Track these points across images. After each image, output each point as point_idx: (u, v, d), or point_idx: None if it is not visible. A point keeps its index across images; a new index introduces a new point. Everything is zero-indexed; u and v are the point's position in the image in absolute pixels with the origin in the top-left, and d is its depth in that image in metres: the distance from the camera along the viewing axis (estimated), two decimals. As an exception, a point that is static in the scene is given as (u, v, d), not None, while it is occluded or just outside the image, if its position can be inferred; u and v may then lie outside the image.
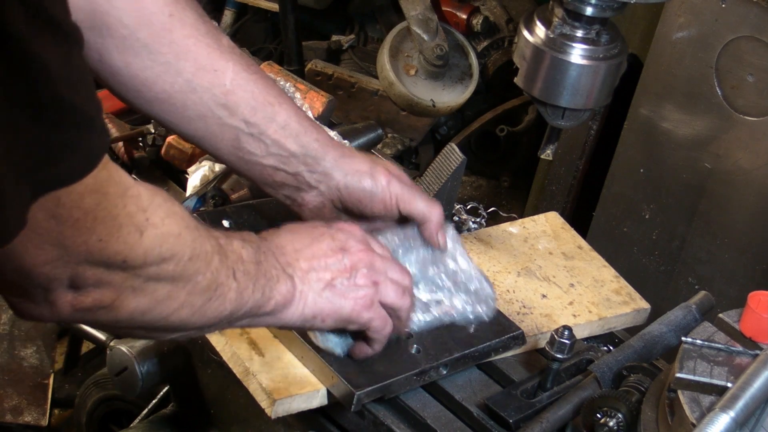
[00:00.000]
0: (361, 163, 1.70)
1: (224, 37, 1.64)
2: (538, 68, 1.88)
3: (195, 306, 1.35)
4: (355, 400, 1.60)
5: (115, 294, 1.23)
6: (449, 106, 3.24)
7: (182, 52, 1.57)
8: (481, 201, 2.22)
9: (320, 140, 1.68)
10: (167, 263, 1.27)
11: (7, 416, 2.94)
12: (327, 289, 1.55)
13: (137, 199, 1.21)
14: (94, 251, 1.17)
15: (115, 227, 1.18)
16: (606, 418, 1.57)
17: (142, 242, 1.22)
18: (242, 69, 1.63)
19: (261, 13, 4.01)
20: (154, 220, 1.23)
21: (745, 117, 2.47)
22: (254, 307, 1.46)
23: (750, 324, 1.57)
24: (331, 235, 1.59)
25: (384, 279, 1.60)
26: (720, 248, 2.59)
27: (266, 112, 1.64)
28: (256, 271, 1.46)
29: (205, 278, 1.34)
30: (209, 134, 1.65)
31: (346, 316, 1.57)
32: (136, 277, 1.24)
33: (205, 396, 1.97)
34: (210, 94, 1.60)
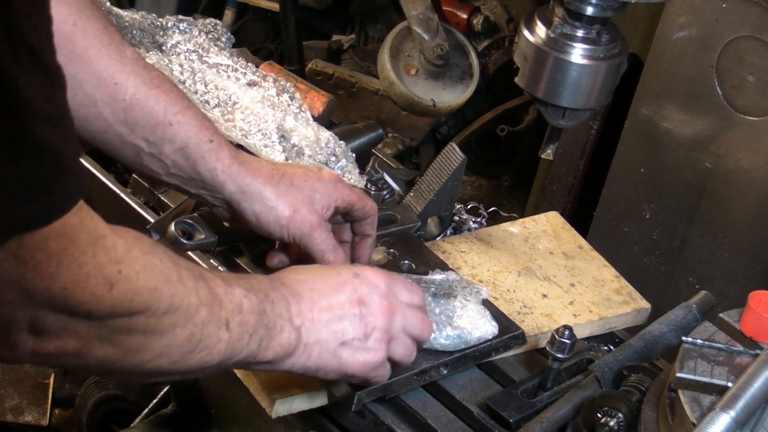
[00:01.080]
0: (261, 200, 1.64)
1: (129, 48, 1.58)
2: (539, 68, 1.88)
3: (174, 356, 1.30)
4: (356, 399, 1.60)
5: (80, 342, 1.18)
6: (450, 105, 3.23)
7: (83, 64, 1.52)
8: (481, 201, 2.23)
9: (218, 168, 1.62)
10: (138, 316, 1.21)
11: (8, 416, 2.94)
12: (339, 347, 1.50)
13: (111, 250, 1.16)
14: (57, 298, 1.12)
15: (81, 276, 1.13)
16: (606, 418, 1.57)
17: (111, 295, 1.16)
18: (144, 83, 1.57)
19: (261, 13, 4.01)
20: (127, 274, 1.18)
21: (746, 117, 2.47)
22: (249, 356, 1.41)
23: (750, 324, 1.57)
24: (354, 287, 1.53)
25: (399, 335, 1.56)
26: (720, 248, 2.59)
27: (165, 132, 1.59)
28: (256, 321, 1.40)
29: (185, 331, 1.29)
30: (113, 149, 1.60)
31: (350, 374, 1.54)
32: (103, 327, 1.19)
33: (205, 396, 1.97)
34: (110, 109, 1.56)
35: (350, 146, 2.07)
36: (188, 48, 2.06)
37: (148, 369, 1.29)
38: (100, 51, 1.54)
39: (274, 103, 2.03)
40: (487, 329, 1.73)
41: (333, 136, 2.01)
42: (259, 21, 4.05)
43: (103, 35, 1.55)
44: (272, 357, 1.44)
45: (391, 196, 2.05)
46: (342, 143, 2.02)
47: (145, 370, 1.29)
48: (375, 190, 2.00)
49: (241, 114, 1.96)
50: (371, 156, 2.18)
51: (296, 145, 1.96)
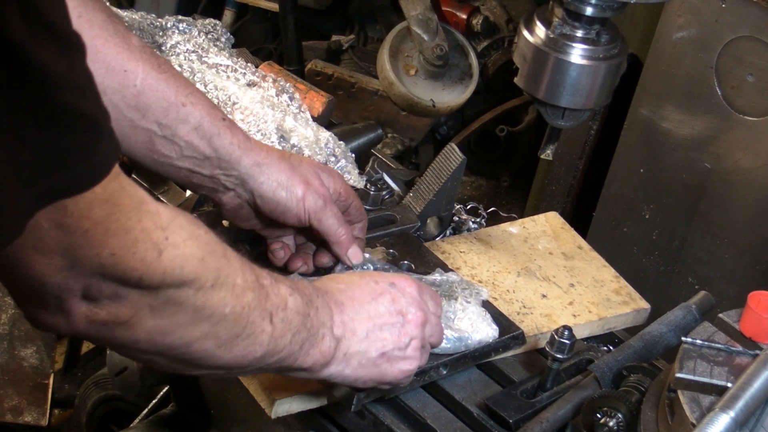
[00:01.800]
0: (277, 172, 1.66)
1: (134, 36, 1.60)
2: (538, 68, 1.88)
3: (221, 339, 1.30)
4: (355, 400, 1.60)
5: (132, 311, 1.19)
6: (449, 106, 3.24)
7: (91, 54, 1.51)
8: (481, 201, 2.22)
9: (235, 143, 1.64)
10: (188, 287, 1.22)
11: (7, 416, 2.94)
12: (379, 357, 1.52)
13: (154, 216, 1.17)
14: (107, 265, 1.12)
15: (129, 242, 1.13)
16: (606, 418, 1.57)
17: (161, 262, 1.17)
18: (152, 69, 1.59)
19: (261, 13, 4.01)
20: (174, 240, 1.18)
21: (745, 117, 2.47)
22: (289, 357, 1.41)
23: (750, 324, 1.57)
24: (392, 297, 1.55)
25: (427, 345, 1.59)
26: (720, 248, 2.59)
27: (178, 113, 1.60)
28: (300, 323, 1.41)
29: (233, 311, 1.29)
30: (123, 137, 1.57)
31: (387, 382, 1.56)
32: (155, 297, 1.19)
33: (205, 396, 1.97)
34: (120, 96, 1.57)
35: (350, 146, 2.07)
36: (188, 48, 2.06)
37: (195, 351, 1.29)
38: (106, 40, 1.55)
39: (273, 103, 2.03)
40: (487, 332, 1.74)
41: (332, 137, 2.01)
42: (258, 21, 4.05)
43: (108, 25, 1.56)
44: (311, 363, 1.45)
45: (390, 196, 2.05)
46: (341, 143, 2.02)
47: (192, 353, 1.29)
48: (374, 190, 2.00)
49: (241, 114, 1.96)
50: (371, 156, 2.18)
51: (296, 146, 1.96)
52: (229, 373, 1.39)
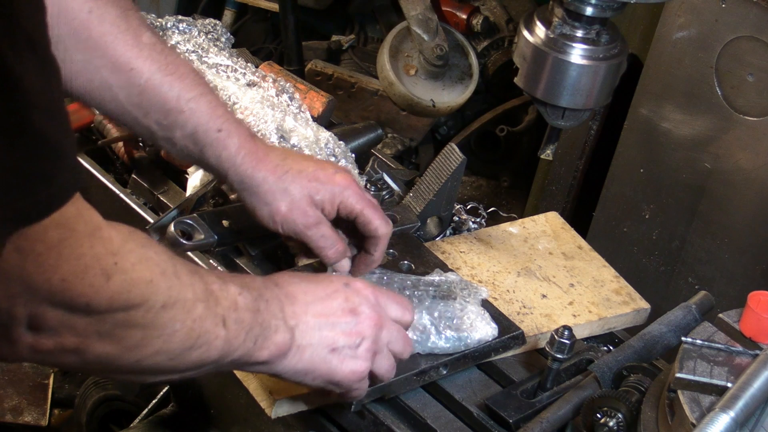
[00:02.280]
0: (258, 194, 1.67)
1: (146, 33, 1.61)
2: (538, 68, 1.88)
3: (172, 353, 1.29)
4: (355, 400, 1.60)
5: (78, 339, 1.18)
6: (449, 106, 3.24)
7: (99, 50, 1.55)
8: (481, 201, 2.22)
9: (223, 157, 1.65)
10: (136, 310, 1.21)
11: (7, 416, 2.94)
12: (327, 351, 1.50)
13: (107, 242, 1.16)
14: (56, 291, 1.12)
15: (80, 268, 1.13)
16: (606, 418, 1.57)
17: (109, 287, 1.16)
18: (159, 69, 1.60)
19: (261, 13, 4.01)
20: (123, 265, 1.18)
21: (745, 117, 2.47)
22: (245, 355, 1.41)
23: (750, 324, 1.57)
24: (346, 295, 1.54)
25: (383, 349, 1.56)
26: (720, 248, 2.59)
27: (176, 119, 1.63)
28: (251, 319, 1.40)
29: (183, 326, 1.28)
30: (130, 128, 1.66)
31: (336, 381, 1.53)
32: (102, 322, 1.18)
33: (205, 396, 1.97)
34: (125, 93, 1.59)
35: (350, 146, 2.07)
36: (188, 48, 2.06)
37: (147, 366, 1.28)
38: (116, 37, 1.56)
39: (273, 103, 2.03)
40: (486, 331, 1.74)
41: (332, 137, 2.01)
42: (258, 21, 4.05)
43: (120, 21, 1.57)
44: (267, 357, 1.44)
45: (390, 196, 2.05)
46: (341, 143, 2.02)
47: (144, 368, 1.29)
48: (374, 190, 2.00)
49: (241, 114, 1.96)
50: (371, 156, 2.18)
51: (296, 146, 1.96)
52: (185, 377, 1.39)
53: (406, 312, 1.60)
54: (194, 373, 1.38)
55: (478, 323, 1.73)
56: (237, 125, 1.68)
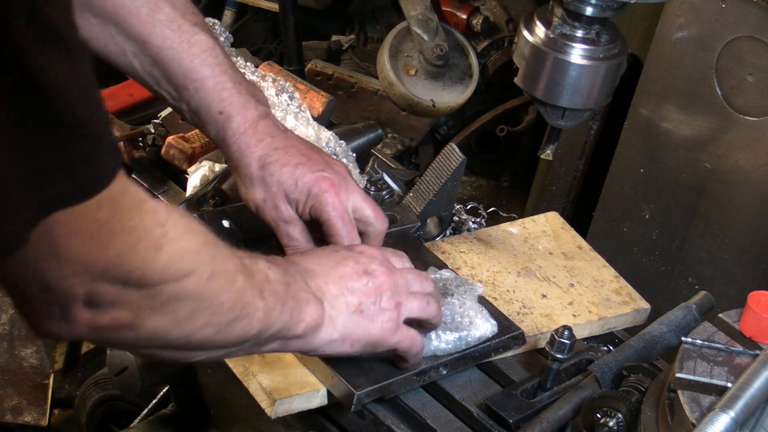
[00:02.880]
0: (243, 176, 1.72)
1: (165, 8, 1.67)
2: (538, 68, 1.88)
3: (220, 324, 1.33)
4: (355, 400, 1.60)
5: (133, 313, 1.21)
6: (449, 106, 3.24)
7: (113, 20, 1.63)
8: (481, 201, 2.22)
9: (219, 138, 1.73)
10: (187, 280, 1.24)
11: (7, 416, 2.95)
12: (356, 314, 1.56)
13: (154, 213, 1.19)
14: (111, 266, 1.15)
15: (131, 241, 1.16)
16: (606, 418, 1.57)
17: (160, 258, 1.19)
18: (171, 45, 1.67)
19: (261, 13, 4.01)
20: (172, 236, 1.21)
21: (745, 117, 2.47)
22: (283, 328, 1.45)
23: (750, 324, 1.57)
24: (354, 258, 1.60)
25: (407, 297, 1.61)
26: (720, 248, 2.59)
27: (182, 94, 1.71)
28: (284, 292, 1.45)
29: (229, 297, 1.33)
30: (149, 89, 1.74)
31: (374, 340, 1.58)
32: (155, 295, 1.21)
33: (205, 396, 1.97)
34: (138, 61, 1.68)
35: (350, 146, 2.07)
36: (188, 48, 2.06)
37: (196, 340, 1.32)
38: (129, 11, 1.63)
39: (273, 102, 2.03)
40: (486, 328, 1.74)
41: (333, 136, 2.02)
42: (258, 21, 4.05)
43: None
44: (303, 329, 1.48)
45: (390, 196, 2.05)
46: (342, 143, 2.02)
47: (193, 342, 1.32)
48: (374, 190, 2.00)
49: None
50: (371, 156, 2.18)
51: (296, 146, 1.95)
52: (228, 353, 1.42)
53: (404, 258, 1.69)
54: (237, 349, 1.42)
55: (478, 321, 1.73)
56: (240, 107, 1.72)
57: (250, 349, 1.45)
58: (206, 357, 1.40)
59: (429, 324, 1.67)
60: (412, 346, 1.62)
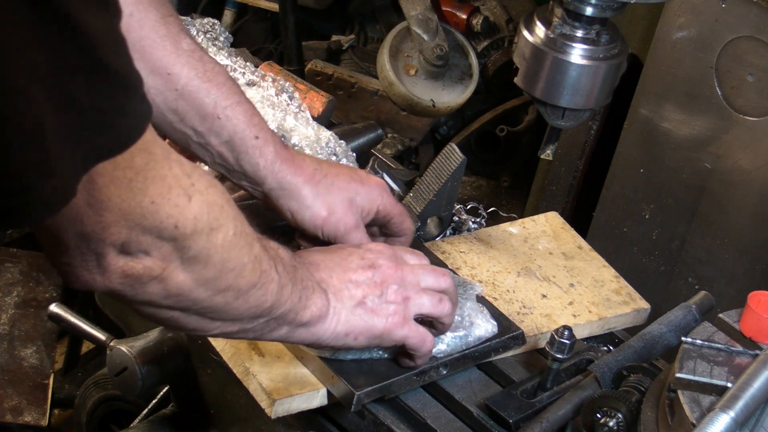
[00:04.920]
0: (299, 198, 1.69)
1: (185, 39, 1.62)
2: (538, 68, 1.88)
3: (241, 289, 1.35)
4: (355, 400, 1.60)
5: (165, 263, 1.23)
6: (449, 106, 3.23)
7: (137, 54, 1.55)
8: (481, 201, 2.22)
9: (261, 164, 1.67)
10: (215, 234, 1.27)
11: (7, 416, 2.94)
12: (359, 307, 1.56)
13: (181, 163, 1.22)
14: (147, 214, 1.18)
15: (165, 188, 1.19)
16: (606, 418, 1.57)
17: (191, 207, 1.22)
18: (197, 75, 1.61)
19: (261, 13, 4.01)
20: (199, 187, 1.24)
21: (745, 117, 2.47)
22: (291, 310, 1.46)
23: (750, 324, 1.57)
24: (360, 254, 1.61)
25: (416, 292, 1.61)
26: (720, 248, 2.59)
27: (212, 125, 1.64)
28: (293, 273, 1.46)
29: (250, 260, 1.34)
30: (165, 132, 1.66)
31: (378, 333, 1.58)
32: (187, 249, 1.24)
33: (205, 396, 1.97)
34: (162, 98, 1.61)
35: (350, 146, 2.07)
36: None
37: (216, 304, 1.33)
38: (154, 42, 1.58)
39: (273, 102, 2.03)
40: (486, 328, 1.74)
41: (333, 136, 2.02)
42: (258, 21, 4.05)
43: (159, 26, 1.58)
44: (309, 317, 1.49)
45: (390, 196, 2.05)
46: (342, 143, 2.02)
47: (213, 306, 1.33)
48: (374, 190, 2.00)
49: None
50: (371, 156, 2.18)
51: (296, 145, 1.96)
52: (241, 330, 1.42)
53: (421, 256, 1.68)
54: (251, 326, 1.43)
55: (478, 321, 1.73)
56: (272, 133, 1.70)
57: (261, 329, 1.45)
58: (220, 331, 1.40)
59: (440, 324, 1.66)
60: (422, 344, 1.62)
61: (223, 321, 1.39)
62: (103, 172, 1.11)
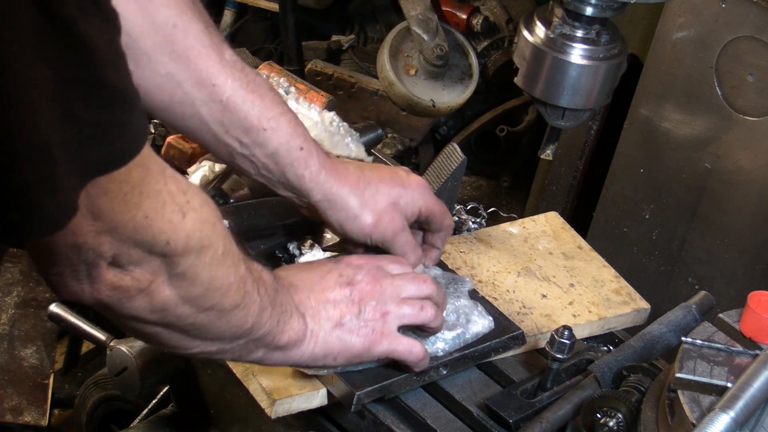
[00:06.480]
0: (346, 208, 1.68)
1: (228, 50, 1.61)
2: (538, 68, 1.88)
3: (224, 307, 1.35)
4: (355, 400, 1.60)
5: (153, 276, 1.24)
6: (449, 106, 3.23)
7: (183, 64, 1.56)
8: (481, 201, 2.22)
9: (306, 176, 1.66)
10: (205, 252, 1.27)
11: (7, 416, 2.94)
12: (336, 328, 1.56)
13: (177, 180, 1.22)
14: (140, 228, 1.18)
15: (159, 203, 1.19)
16: (606, 418, 1.57)
17: (185, 224, 1.22)
18: (241, 86, 1.60)
19: (261, 13, 4.01)
20: (193, 204, 1.24)
21: (745, 117, 2.47)
22: (269, 333, 1.46)
23: (750, 324, 1.57)
24: (339, 271, 1.60)
25: (396, 304, 1.60)
26: (720, 248, 2.59)
27: (257, 137, 1.62)
28: (274, 296, 1.46)
29: (235, 280, 1.35)
30: (207, 144, 1.65)
31: (358, 353, 1.58)
32: (175, 264, 1.24)
33: (205, 396, 1.97)
34: (207, 108, 1.59)
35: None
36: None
37: (199, 321, 1.33)
38: (199, 52, 1.56)
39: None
40: (483, 324, 1.74)
41: (336, 116, 2.02)
42: (258, 21, 4.05)
43: (203, 36, 1.57)
44: (286, 341, 1.49)
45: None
46: (345, 124, 2.03)
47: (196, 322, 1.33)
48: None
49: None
50: (371, 156, 2.18)
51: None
52: (220, 350, 1.42)
53: (404, 264, 1.68)
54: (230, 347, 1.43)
55: (474, 317, 1.73)
56: (315, 143, 1.69)
57: (239, 351, 1.46)
58: (200, 350, 1.40)
59: (429, 329, 1.66)
60: (408, 353, 1.62)
61: (203, 340, 1.39)
62: (98, 184, 1.11)
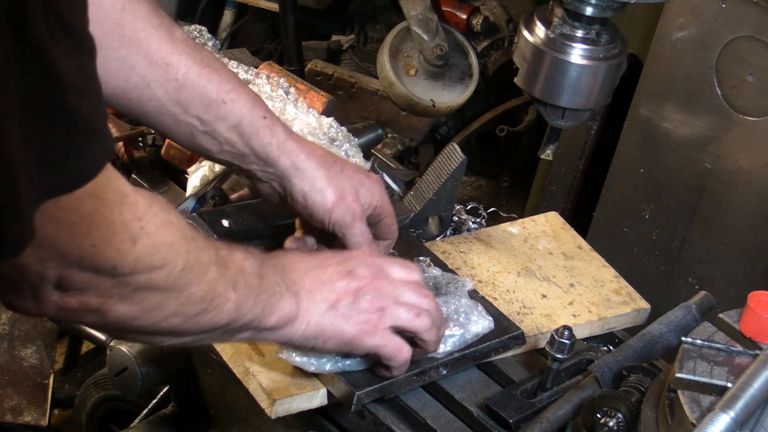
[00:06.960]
0: (312, 178, 1.66)
1: (178, 29, 1.61)
2: (538, 68, 1.88)
3: (188, 315, 1.35)
4: (355, 400, 1.60)
5: (102, 299, 1.23)
6: (449, 106, 3.24)
7: (134, 47, 1.55)
8: (481, 201, 2.22)
9: (273, 143, 1.64)
10: (158, 272, 1.26)
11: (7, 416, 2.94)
12: (330, 311, 1.55)
13: (134, 207, 1.21)
14: (86, 256, 1.17)
15: (109, 234, 1.18)
16: (606, 418, 1.57)
17: (134, 250, 1.21)
18: (195, 63, 1.59)
19: (261, 13, 4.01)
20: (148, 229, 1.23)
21: (745, 117, 2.47)
22: (254, 320, 1.46)
23: (750, 324, 1.57)
24: (339, 260, 1.60)
25: (393, 303, 1.59)
26: (720, 248, 2.59)
27: (218, 111, 1.61)
28: (258, 285, 1.45)
29: (199, 289, 1.34)
30: (167, 128, 1.63)
31: (348, 339, 1.56)
32: (125, 285, 1.24)
33: (205, 396, 1.97)
34: (163, 89, 1.58)
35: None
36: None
37: (163, 328, 1.34)
38: (150, 33, 1.56)
39: (271, 96, 2.03)
40: (483, 324, 1.74)
41: (334, 122, 2.02)
42: (258, 21, 4.05)
43: (153, 17, 1.57)
44: (275, 322, 1.49)
45: (390, 196, 2.05)
46: (343, 128, 2.03)
47: (160, 329, 1.34)
48: (374, 190, 2.00)
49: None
50: (371, 156, 2.18)
51: (299, 131, 1.95)
52: (196, 340, 1.43)
53: (411, 272, 1.66)
54: (206, 336, 1.44)
55: (474, 317, 1.73)
56: (275, 114, 1.69)
57: (219, 337, 1.47)
58: (174, 343, 1.41)
59: (422, 341, 1.63)
60: (396, 354, 1.60)
61: (174, 336, 1.39)
62: (46, 211, 1.10)
